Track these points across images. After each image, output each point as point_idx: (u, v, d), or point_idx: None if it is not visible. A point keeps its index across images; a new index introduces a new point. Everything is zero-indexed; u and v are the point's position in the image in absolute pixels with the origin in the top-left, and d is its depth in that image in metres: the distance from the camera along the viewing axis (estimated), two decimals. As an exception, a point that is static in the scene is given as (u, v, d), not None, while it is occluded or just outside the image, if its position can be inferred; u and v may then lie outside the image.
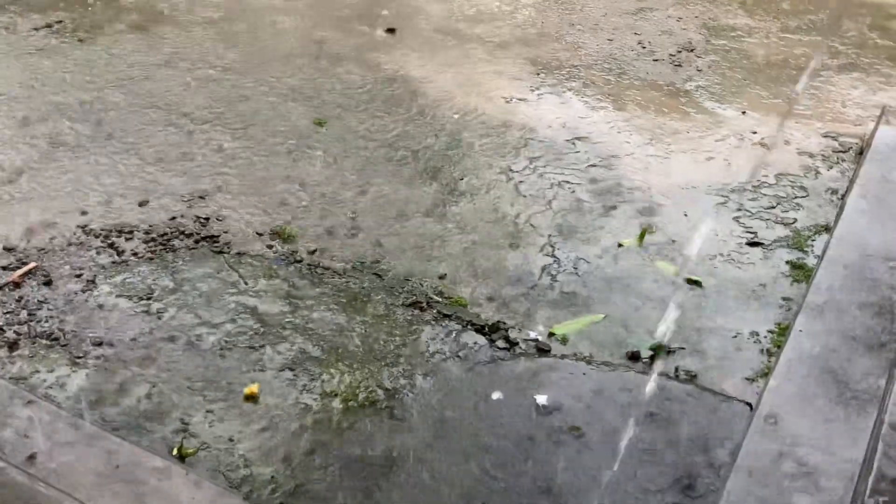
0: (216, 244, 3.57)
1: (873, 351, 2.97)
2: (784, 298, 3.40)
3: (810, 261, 3.57)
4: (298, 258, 3.52)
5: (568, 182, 4.05)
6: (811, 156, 4.31)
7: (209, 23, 5.35)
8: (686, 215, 3.86)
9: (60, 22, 5.25)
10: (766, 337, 3.22)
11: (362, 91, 4.72)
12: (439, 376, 3.01)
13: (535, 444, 2.78)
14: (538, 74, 4.97)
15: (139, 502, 2.46)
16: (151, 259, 3.47)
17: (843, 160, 4.28)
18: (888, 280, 3.27)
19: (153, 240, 3.56)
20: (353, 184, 3.98)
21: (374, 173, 4.07)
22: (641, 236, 3.71)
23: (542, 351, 3.14)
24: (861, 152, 4.21)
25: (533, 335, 3.20)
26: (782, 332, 3.20)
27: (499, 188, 4.00)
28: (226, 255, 3.52)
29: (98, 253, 3.49)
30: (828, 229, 3.72)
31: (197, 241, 3.58)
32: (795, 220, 3.85)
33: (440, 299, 3.35)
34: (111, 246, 3.52)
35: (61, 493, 2.46)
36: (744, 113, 4.67)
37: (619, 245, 3.67)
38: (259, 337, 3.13)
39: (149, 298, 3.28)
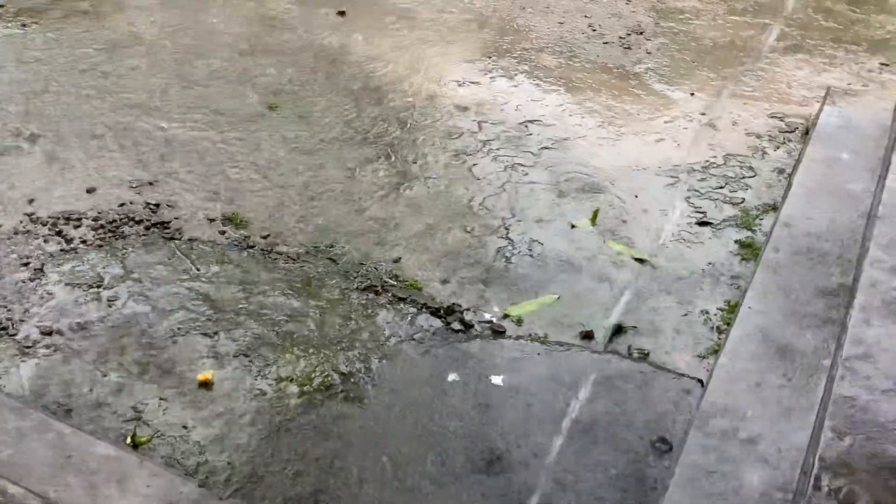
0: (167, 230, 3.53)
1: (820, 327, 3.03)
2: (733, 277, 3.46)
3: (758, 239, 3.64)
4: (251, 243, 3.50)
5: (521, 165, 4.07)
6: (758, 136, 4.38)
7: (159, 5, 5.25)
8: (637, 196, 3.91)
9: (2, 6, 5.12)
10: (716, 315, 3.28)
11: (314, 74, 4.68)
12: (395, 359, 3.02)
13: (491, 425, 2.80)
14: (490, 57, 4.97)
15: (93, 492, 2.43)
16: (101, 246, 3.42)
17: (790, 140, 4.35)
18: (834, 258, 3.34)
19: (102, 227, 3.51)
20: (306, 168, 3.96)
21: (328, 157, 4.04)
22: (594, 217, 3.75)
23: (497, 332, 3.16)
24: (807, 132, 4.29)
25: (488, 317, 3.22)
26: (732, 309, 3.26)
27: (452, 171, 4.01)
28: (177, 241, 3.48)
29: (45, 241, 3.42)
30: (775, 208, 3.79)
31: (147, 228, 3.53)
32: (744, 199, 3.91)
33: (395, 283, 3.35)
34: (59, 234, 3.46)
35: (13, 484, 2.42)
36: (692, 94, 4.73)
37: (572, 226, 3.70)
38: (212, 323, 3.10)
39: (99, 286, 3.23)
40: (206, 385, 2.87)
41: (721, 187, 3.99)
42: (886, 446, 2.36)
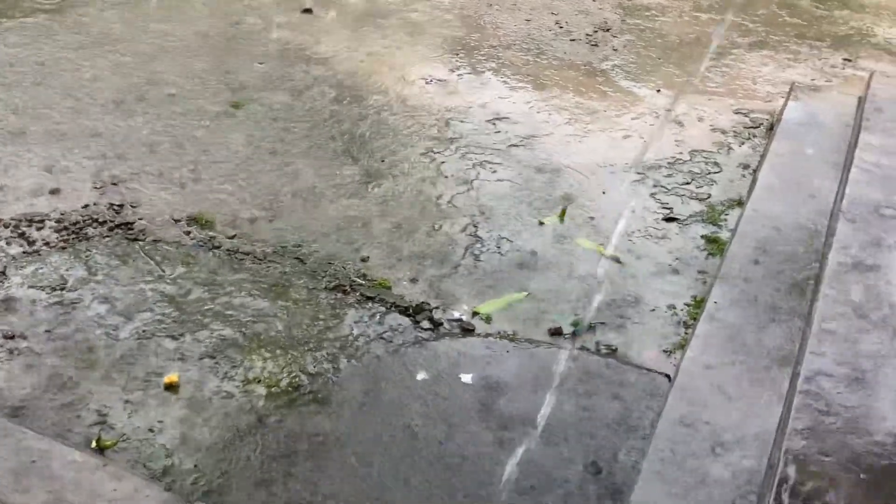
0: (131, 231, 3.49)
1: (785, 321, 3.06)
2: (699, 272, 3.48)
3: (724, 234, 3.67)
4: (217, 244, 3.47)
5: (489, 162, 4.07)
6: (724, 132, 4.41)
7: (122, 4, 5.19)
8: (605, 193, 3.92)
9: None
10: (682, 310, 3.30)
11: (280, 72, 4.65)
12: (364, 359, 3.01)
13: (460, 422, 2.79)
14: (458, 55, 4.97)
15: (58, 498, 2.39)
16: (64, 248, 3.37)
17: (755, 136, 4.39)
18: (799, 252, 3.37)
19: (65, 228, 3.46)
20: (272, 167, 3.93)
21: (294, 156, 4.02)
22: (562, 214, 3.76)
23: (467, 330, 3.15)
24: (771, 128, 4.33)
25: (457, 315, 3.21)
26: (698, 304, 3.28)
27: (421, 169, 4.00)
28: (141, 242, 3.44)
29: (7, 243, 3.37)
30: (741, 203, 3.82)
31: (111, 229, 3.49)
32: (709, 195, 3.94)
33: (363, 282, 3.33)
34: (21, 236, 3.41)
35: (-26, 491, 2.39)
36: (658, 91, 4.75)
37: (541, 223, 3.71)
38: (178, 325, 3.07)
39: (62, 289, 3.18)
40: (172, 387, 2.84)
41: (687, 183, 4.01)
42: (851, 439, 2.39)
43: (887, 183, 3.51)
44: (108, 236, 3.45)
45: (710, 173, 4.09)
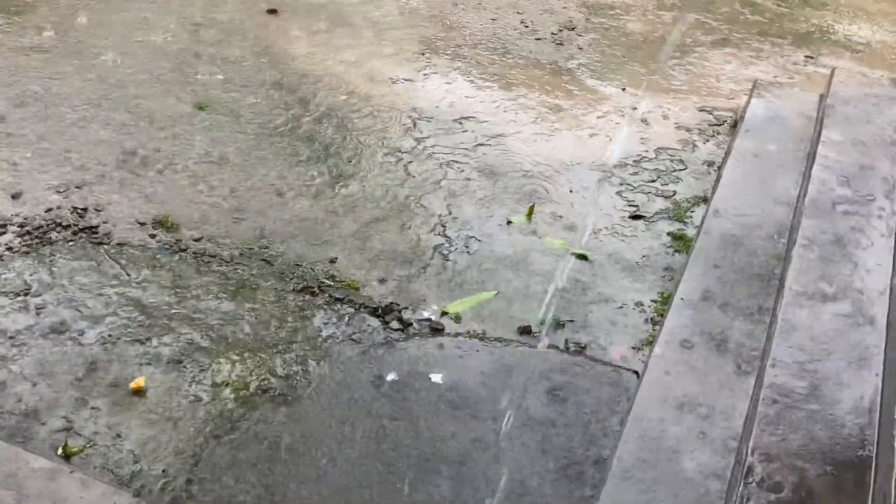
0: (95, 235, 3.45)
1: (751, 316, 3.09)
2: (666, 269, 3.51)
3: (690, 231, 3.70)
4: (183, 246, 3.43)
5: (457, 161, 4.07)
6: (688, 130, 4.45)
7: (84, 7, 5.13)
8: (572, 191, 3.94)
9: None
10: (650, 307, 3.32)
11: (244, 73, 4.62)
12: (333, 361, 2.99)
13: (431, 422, 2.79)
14: (424, 54, 4.96)
15: (23, 506, 2.36)
16: (27, 253, 3.33)
17: (719, 133, 4.43)
18: (763, 248, 3.41)
19: (28, 233, 3.41)
20: (238, 168, 3.90)
21: (260, 157, 3.99)
22: (529, 213, 3.77)
23: (436, 330, 3.16)
24: (735, 125, 4.37)
25: (426, 315, 3.21)
26: (665, 300, 3.30)
27: (388, 169, 3.99)
28: (106, 246, 3.40)
29: (-32, 249, 3.32)
30: (706, 200, 3.86)
31: (75, 233, 3.44)
32: (675, 192, 3.97)
33: (332, 283, 3.32)
34: (-18, 241, 3.36)
35: (-63, 502, 2.34)
36: (624, 89, 4.78)
37: (509, 222, 3.72)
38: (144, 329, 3.04)
39: (26, 294, 3.14)
40: (139, 392, 2.81)
41: (653, 181, 4.04)
42: (818, 433, 2.42)
43: (848, 178, 3.56)
44: (71, 240, 3.41)
45: (675, 171, 4.13)
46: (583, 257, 3.55)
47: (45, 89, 4.32)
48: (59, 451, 2.59)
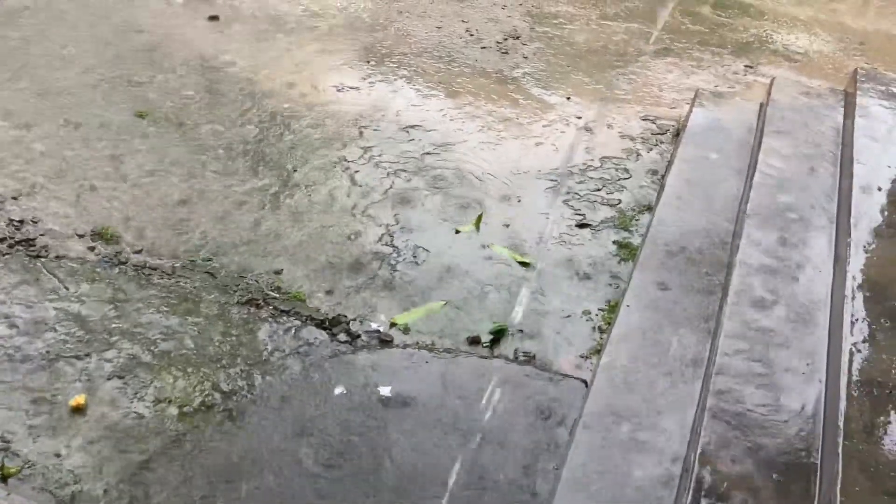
0: (32, 248, 3.35)
1: (696, 323, 3.13)
2: (613, 277, 3.53)
3: (635, 240, 3.73)
4: (123, 259, 3.36)
5: (403, 171, 4.05)
6: (632, 139, 4.49)
7: (18, 11, 5.00)
8: (519, 200, 3.94)
9: None
10: (597, 315, 3.34)
11: (186, 81, 4.54)
12: (279, 375, 2.95)
13: (380, 435, 2.76)
14: (369, 62, 4.93)
15: (-44, 532, 2.28)
16: (-41, 267, 3.22)
17: (662, 142, 4.48)
18: (707, 256, 3.45)
19: (-40, 246, 3.31)
20: (179, 179, 3.83)
21: (202, 167, 3.92)
22: (477, 222, 3.76)
23: (384, 342, 3.13)
24: (677, 134, 4.43)
25: (374, 326, 3.18)
26: (612, 309, 3.32)
27: (334, 179, 3.95)
28: (43, 259, 3.31)
29: None
30: (650, 209, 3.89)
31: (11, 246, 3.34)
32: (620, 201, 4.00)
33: (277, 295, 3.27)
34: (-88, 255, 3.24)
35: None
36: (568, 98, 4.81)
37: (457, 232, 3.71)
38: (84, 345, 2.96)
39: (-42, 310, 3.04)
40: (79, 410, 2.73)
41: (598, 189, 4.07)
42: (763, 440, 2.45)
43: (789, 185, 3.62)
44: (7, 254, 3.31)
45: (620, 179, 4.16)
46: (531, 266, 3.55)
47: (-22, 97, 4.20)
48: (-5, 473, 2.51)
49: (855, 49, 5.75)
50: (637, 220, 3.87)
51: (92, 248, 3.38)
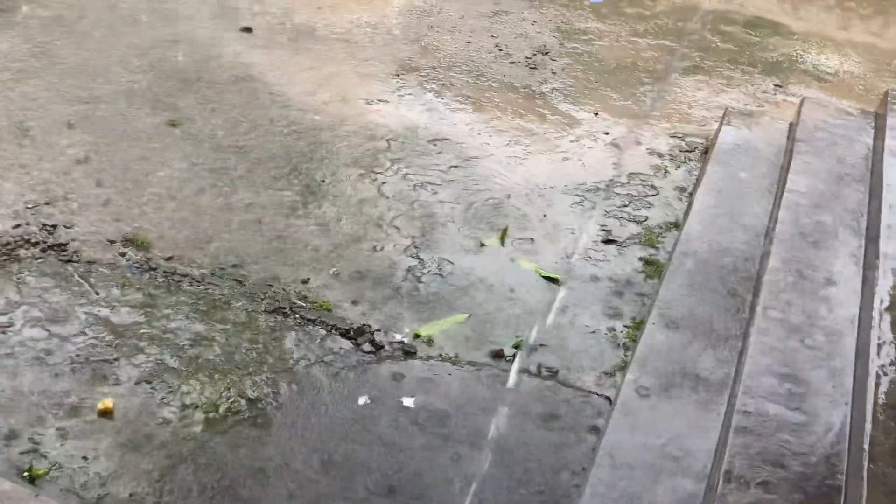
0: (64, 253, 3.40)
1: (722, 343, 3.11)
2: (638, 294, 3.53)
3: (662, 257, 3.72)
4: (153, 265, 3.40)
5: (430, 183, 4.08)
6: (660, 156, 4.49)
7: (53, 21, 5.08)
8: (545, 215, 3.95)
9: None
10: (622, 332, 3.33)
11: (217, 91, 4.60)
12: (304, 383, 2.97)
13: (402, 447, 2.78)
14: (398, 76, 4.97)
15: (-16, 530, 2.31)
16: (-7, 270, 3.27)
17: (690, 159, 4.48)
18: (735, 275, 3.44)
19: (-5, 249, 3.36)
20: (210, 187, 3.88)
21: (233, 177, 3.97)
22: (502, 236, 3.77)
23: (408, 353, 3.14)
24: (706, 152, 4.42)
25: (399, 337, 3.20)
26: (637, 326, 3.32)
27: (361, 190, 3.98)
28: (75, 263, 3.36)
29: (-68, 265, 3.26)
30: (677, 226, 3.89)
31: (44, 251, 3.39)
32: (647, 217, 4.00)
33: (304, 304, 3.30)
34: (-53, 257, 3.30)
35: None
36: (596, 114, 4.82)
37: (482, 245, 3.72)
38: (113, 349, 3.00)
39: (-9, 312, 3.09)
40: (106, 414, 2.77)
41: (625, 206, 4.07)
42: (788, 460, 2.44)
43: (818, 206, 3.61)
44: (40, 258, 3.36)
45: (647, 196, 4.16)
46: (555, 281, 3.56)
47: (11, 101, 4.27)
48: (25, 474, 2.54)
49: (886, 70, 5.72)
50: (664, 237, 3.87)
51: (123, 254, 3.43)
